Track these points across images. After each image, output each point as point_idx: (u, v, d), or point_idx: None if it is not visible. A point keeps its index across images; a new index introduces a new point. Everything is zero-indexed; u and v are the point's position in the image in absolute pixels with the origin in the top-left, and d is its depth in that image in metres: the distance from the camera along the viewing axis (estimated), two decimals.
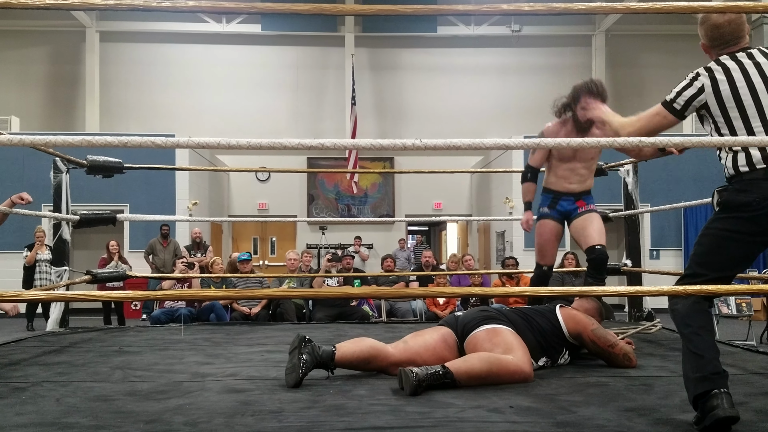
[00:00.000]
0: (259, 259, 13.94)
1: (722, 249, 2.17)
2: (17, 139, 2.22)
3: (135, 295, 2.66)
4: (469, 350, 2.83)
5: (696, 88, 2.25)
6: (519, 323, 2.95)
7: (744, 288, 2.10)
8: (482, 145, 2.35)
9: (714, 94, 2.21)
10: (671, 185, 10.94)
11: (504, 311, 3.07)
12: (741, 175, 2.16)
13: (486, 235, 13.59)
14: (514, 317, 3.00)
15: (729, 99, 2.18)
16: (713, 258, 2.18)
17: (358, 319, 6.56)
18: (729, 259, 2.17)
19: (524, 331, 2.93)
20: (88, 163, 4.68)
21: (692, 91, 2.26)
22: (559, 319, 3.06)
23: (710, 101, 2.22)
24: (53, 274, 4.91)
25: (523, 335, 2.90)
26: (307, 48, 14.60)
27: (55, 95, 14.31)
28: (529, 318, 3.02)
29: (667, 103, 2.32)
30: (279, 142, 2.23)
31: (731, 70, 2.21)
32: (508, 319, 2.95)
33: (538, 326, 3.00)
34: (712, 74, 2.22)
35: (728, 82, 2.19)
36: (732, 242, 2.15)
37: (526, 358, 2.75)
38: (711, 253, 2.19)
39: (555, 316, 3.07)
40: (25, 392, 2.60)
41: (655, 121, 2.35)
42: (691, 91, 2.26)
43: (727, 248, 2.16)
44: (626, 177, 5.24)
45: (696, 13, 2.24)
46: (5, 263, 10.31)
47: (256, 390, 2.62)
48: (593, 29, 14.62)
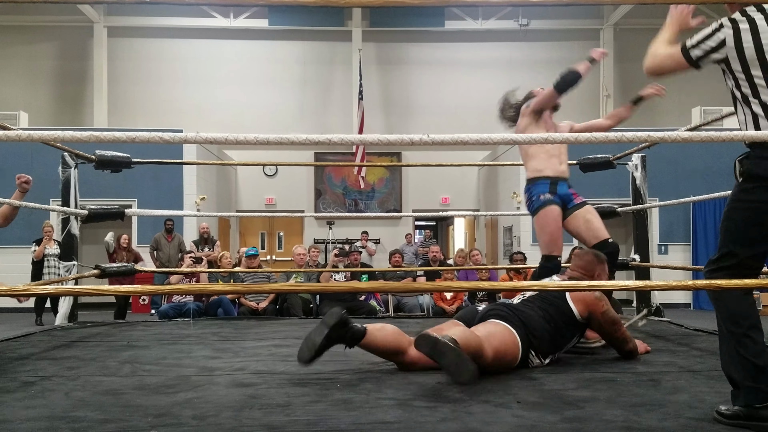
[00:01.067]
0: (267, 254, 13.97)
1: (758, 222, 2.03)
2: (26, 135, 2.23)
3: (143, 289, 2.67)
4: None
5: (717, 40, 2.08)
6: (534, 319, 2.90)
7: (753, 283, 2.07)
8: (490, 140, 2.34)
9: (735, 49, 2.05)
10: (679, 180, 10.88)
11: (517, 307, 3.00)
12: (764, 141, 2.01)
13: (493, 230, 13.57)
14: (529, 313, 2.93)
15: (752, 56, 2.03)
16: (750, 233, 2.05)
17: (365, 314, 6.58)
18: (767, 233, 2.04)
19: (540, 329, 2.89)
20: (97, 158, 4.70)
21: (712, 43, 2.10)
22: (571, 305, 3.01)
23: (731, 56, 2.07)
24: (62, 269, 4.94)
25: (539, 333, 2.88)
26: (314, 43, 14.59)
27: (63, 90, 14.36)
28: (544, 312, 2.96)
29: (685, 50, 2.15)
30: (287, 138, 2.23)
31: (757, 21, 2.03)
32: (522, 319, 2.88)
33: (552, 320, 2.95)
34: (736, 26, 2.05)
35: (752, 35, 2.02)
36: (766, 214, 2.02)
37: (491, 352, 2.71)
38: (747, 228, 2.05)
39: (566, 304, 3.01)
40: (34, 386, 2.62)
41: (668, 63, 2.21)
42: (711, 44, 2.10)
43: (763, 221, 2.02)
44: (634, 171, 5.21)
45: (704, 3, 2.20)
46: (14, 258, 10.37)
47: (263, 384, 2.62)
48: (601, 23, 14.53)
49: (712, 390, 2.47)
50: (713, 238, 11.38)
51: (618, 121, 4.08)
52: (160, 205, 10.15)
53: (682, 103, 14.08)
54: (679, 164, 11.00)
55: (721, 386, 2.49)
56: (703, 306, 10.82)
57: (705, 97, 13.48)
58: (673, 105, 14.37)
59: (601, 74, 14.47)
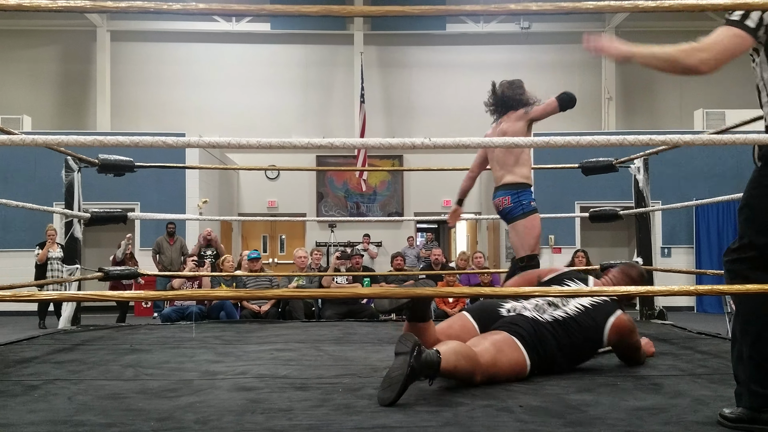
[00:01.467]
0: (269, 257, 13.99)
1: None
2: (30, 139, 2.23)
3: (146, 295, 2.68)
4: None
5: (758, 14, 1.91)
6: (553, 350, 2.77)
7: (756, 287, 2.07)
8: (491, 143, 2.34)
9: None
10: (682, 182, 10.88)
11: (542, 332, 2.77)
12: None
13: (495, 233, 13.57)
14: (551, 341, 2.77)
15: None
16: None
17: (367, 317, 6.57)
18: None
19: (557, 362, 2.78)
20: (100, 162, 4.71)
21: (756, 14, 1.91)
22: (604, 338, 2.88)
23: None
24: (65, 272, 4.95)
25: (553, 366, 2.77)
26: (316, 46, 14.62)
27: (67, 94, 14.41)
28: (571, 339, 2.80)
29: (739, 23, 1.91)
30: (289, 142, 2.23)
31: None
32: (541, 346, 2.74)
33: (575, 350, 2.82)
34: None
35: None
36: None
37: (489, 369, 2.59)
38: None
39: (602, 330, 2.86)
40: (37, 390, 2.62)
41: (735, 43, 1.90)
42: (758, 12, 1.90)
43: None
44: (637, 174, 5.22)
45: (704, 10, 2.13)
46: (17, 261, 10.39)
47: (266, 388, 2.63)
48: (603, 26, 14.54)
49: (714, 394, 2.46)
50: (716, 241, 11.37)
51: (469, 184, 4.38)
52: (163, 208, 10.17)
53: (684, 105, 14.07)
54: (682, 167, 11.00)
55: (724, 390, 2.49)
56: (707, 309, 10.80)
57: (707, 100, 13.48)
58: (675, 108, 14.38)
59: (602, 77, 14.48)
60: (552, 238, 11.47)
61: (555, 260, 11.00)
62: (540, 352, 2.74)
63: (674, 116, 14.27)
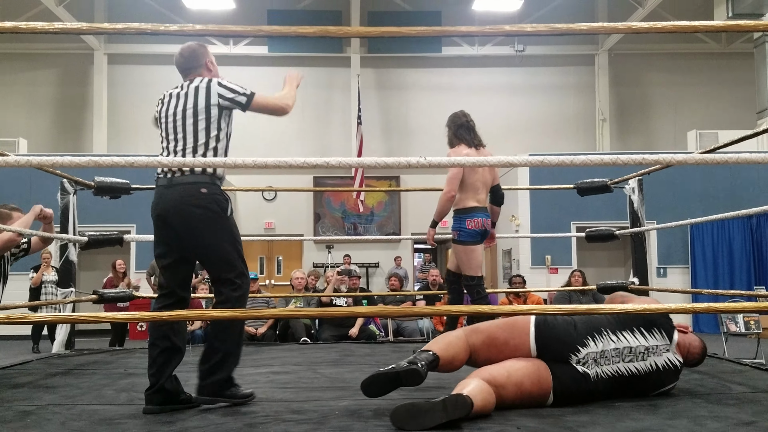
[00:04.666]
0: (266, 278, 13.93)
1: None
2: (24, 161, 2.24)
3: (141, 316, 2.67)
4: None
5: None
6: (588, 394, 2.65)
7: (752, 306, 2.07)
8: (487, 163, 2.36)
9: None
10: (677, 202, 10.91)
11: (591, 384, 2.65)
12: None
13: (492, 253, 13.56)
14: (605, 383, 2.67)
15: None
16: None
17: (364, 338, 6.54)
18: None
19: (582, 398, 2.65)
20: (96, 185, 4.70)
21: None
22: (678, 358, 2.82)
23: None
24: (59, 296, 4.92)
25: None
26: (313, 69, 14.71)
27: (64, 117, 14.45)
28: (624, 391, 2.73)
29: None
30: (285, 161, 2.24)
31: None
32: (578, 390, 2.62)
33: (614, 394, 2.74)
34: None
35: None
36: None
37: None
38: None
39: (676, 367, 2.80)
40: (30, 416, 2.59)
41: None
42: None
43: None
44: (631, 194, 5.23)
45: (697, 32, 2.18)
46: (11, 284, 10.19)
47: (261, 412, 2.60)
48: (596, 48, 14.70)
49: (711, 414, 2.45)
50: (711, 261, 11.39)
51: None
52: None
53: (678, 126, 14.17)
54: (677, 187, 11.04)
55: (721, 410, 2.48)
56: (704, 329, 10.77)
57: (700, 121, 13.59)
58: (669, 129, 14.47)
59: (597, 98, 14.59)
60: (549, 258, 11.48)
61: (552, 280, 10.99)
62: (570, 398, 2.63)
63: (668, 137, 14.36)
